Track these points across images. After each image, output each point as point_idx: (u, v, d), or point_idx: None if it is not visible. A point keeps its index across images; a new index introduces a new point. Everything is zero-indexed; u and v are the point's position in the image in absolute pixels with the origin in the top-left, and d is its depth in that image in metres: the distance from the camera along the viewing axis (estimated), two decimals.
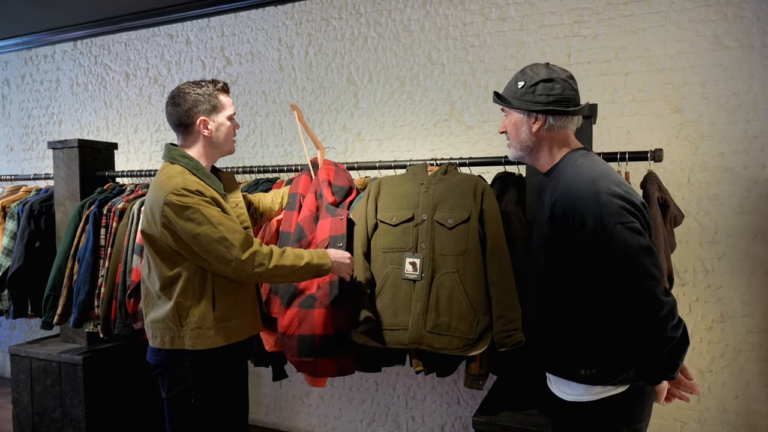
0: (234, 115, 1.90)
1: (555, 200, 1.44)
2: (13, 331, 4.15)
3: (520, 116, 1.53)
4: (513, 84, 1.56)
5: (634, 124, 2.55)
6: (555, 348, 1.51)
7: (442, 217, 2.10)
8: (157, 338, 1.76)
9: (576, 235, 1.37)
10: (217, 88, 1.83)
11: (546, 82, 1.48)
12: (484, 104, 2.79)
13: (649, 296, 1.31)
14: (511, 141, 1.60)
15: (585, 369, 1.43)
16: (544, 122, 1.50)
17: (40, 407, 2.92)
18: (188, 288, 1.72)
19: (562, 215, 1.40)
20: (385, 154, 2.99)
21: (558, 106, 1.48)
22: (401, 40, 2.95)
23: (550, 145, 1.54)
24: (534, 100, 1.49)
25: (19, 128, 4.08)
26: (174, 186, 1.67)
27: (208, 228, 1.65)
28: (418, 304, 2.04)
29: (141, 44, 3.62)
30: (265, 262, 1.71)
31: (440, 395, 2.91)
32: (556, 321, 1.50)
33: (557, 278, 1.46)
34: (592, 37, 2.61)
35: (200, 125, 1.81)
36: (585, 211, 1.36)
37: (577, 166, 1.46)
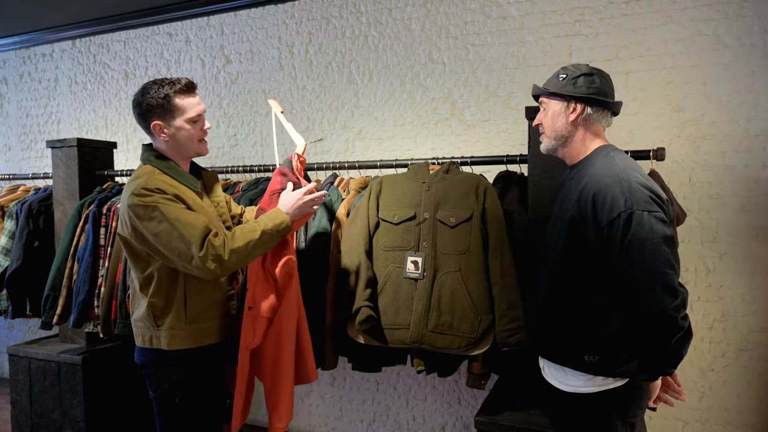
0: (198, 116, 1.77)
1: (584, 185, 1.49)
2: (11, 331, 4.13)
3: (559, 106, 1.60)
4: (554, 78, 1.63)
5: (636, 124, 2.55)
6: (559, 332, 1.55)
7: (444, 215, 2.09)
8: (139, 336, 1.77)
9: (602, 217, 1.42)
10: (175, 89, 1.73)
11: (587, 75, 1.58)
12: (485, 103, 2.78)
13: (667, 283, 1.36)
14: (545, 132, 1.65)
15: (589, 354, 1.47)
16: (582, 111, 1.57)
17: (39, 408, 2.90)
18: (161, 288, 1.72)
19: (591, 198, 1.45)
20: (385, 153, 2.98)
21: (597, 97, 1.56)
22: (402, 38, 2.94)
23: (584, 136, 1.61)
24: (574, 90, 1.57)
25: (17, 127, 4.06)
26: (135, 187, 1.66)
27: (167, 226, 1.62)
28: (419, 303, 2.04)
29: (140, 43, 3.61)
30: (220, 253, 1.64)
31: (441, 395, 2.91)
32: (565, 305, 1.53)
33: (575, 261, 1.51)
34: (594, 36, 2.60)
35: (155, 129, 1.75)
36: (614, 196, 1.42)
37: (609, 158, 1.53)
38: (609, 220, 1.41)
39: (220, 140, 3.40)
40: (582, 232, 1.48)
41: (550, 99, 1.63)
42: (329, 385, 3.15)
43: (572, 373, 1.51)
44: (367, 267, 2.10)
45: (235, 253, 1.67)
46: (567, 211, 1.54)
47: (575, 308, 1.51)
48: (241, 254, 1.68)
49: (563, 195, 1.64)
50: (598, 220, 1.43)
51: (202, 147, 1.85)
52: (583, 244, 1.48)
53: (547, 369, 1.62)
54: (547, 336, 1.59)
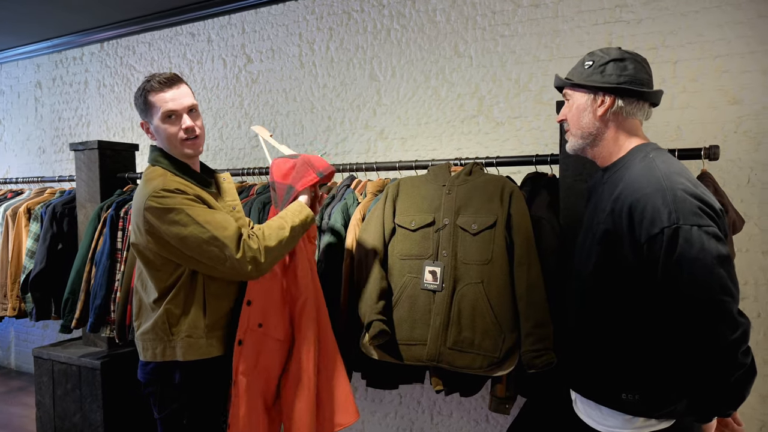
0: (172, 112, 1.61)
1: (619, 194, 1.27)
2: (46, 331, 4.21)
3: (584, 99, 1.38)
4: (579, 66, 1.41)
5: (685, 118, 2.29)
6: (592, 364, 1.33)
7: (465, 221, 1.92)
8: (148, 351, 1.64)
9: (641, 233, 1.20)
10: (148, 87, 1.62)
11: (617, 61, 1.34)
12: (515, 98, 2.58)
13: (723, 313, 1.13)
14: (571, 129, 1.43)
15: (627, 393, 1.26)
16: (612, 104, 1.34)
17: (61, 410, 2.90)
18: (179, 294, 1.60)
19: (627, 210, 1.23)
20: (408, 153, 2.82)
21: (630, 86, 1.33)
22: (426, 31, 2.77)
23: (616, 133, 1.37)
24: (602, 80, 1.34)
25: (50, 130, 4.13)
26: (153, 189, 1.54)
27: (196, 228, 1.51)
28: (437, 318, 1.87)
29: (164, 44, 3.58)
30: (257, 255, 1.55)
31: (467, 411, 2.73)
32: (599, 332, 1.32)
33: (609, 283, 1.29)
34: (636, 23, 2.36)
35: (144, 129, 1.69)
36: (656, 208, 1.18)
37: (649, 160, 1.29)
38: (649, 237, 1.18)
39: (240, 141, 3.33)
40: (617, 250, 1.26)
41: (574, 91, 1.40)
42: None
43: (608, 412, 1.30)
44: (381, 277, 1.95)
45: (269, 253, 1.59)
46: (599, 223, 1.32)
47: (611, 337, 1.30)
48: (275, 254, 1.61)
49: (595, 203, 1.42)
50: (636, 236, 1.21)
51: (186, 147, 1.65)
52: (619, 263, 1.26)
53: (580, 404, 1.41)
54: (578, 367, 1.38)
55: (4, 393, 3.83)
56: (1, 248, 3.19)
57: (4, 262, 3.16)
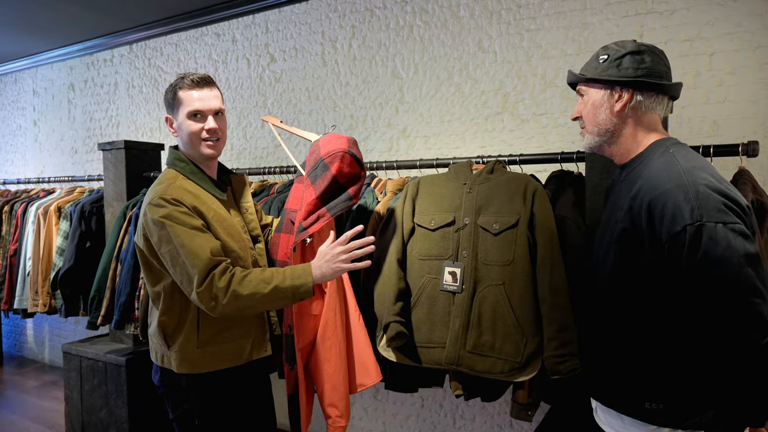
0: (198, 111, 1.61)
1: (638, 191, 1.21)
2: (77, 327, 4.31)
3: (600, 94, 1.33)
4: (593, 60, 1.36)
5: (722, 113, 2.17)
6: (612, 371, 1.27)
7: (486, 221, 1.86)
8: (153, 352, 1.65)
9: (662, 232, 1.14)
10: (180, 84, 1.64)
11: (634, 54, 1.29)
12: (542, 95, 2.50)
13: (752, 316, 1.06)
14: (587, 126, 1.38)
15: (650, 402, 1.19)
16: (630, 98, 1.29)
17: (88, 405, 2.96)
18: (172, 306, 1.58)
19: (646, 208, 1.17)
20: (431, 151, 2.77)
21: (648, 79, 1.28)
22: (449, 27, 2.71)
23: (635, 129, 1.32)
24: (619, 74, 1.29)
25: (82, 131, 4.23)
26: (155, 194, 1.55)
27: (172, 248, 1.49)
28: (457, 320, 1.82)
29: (190, 45, 3.62)
30: (219, 295, 1.46)
31: (491, 416, 2.66)
32: (619, 337, 1.26)
33: (628, 285, 1.23)
34: (670, 13, 2.25)
35: (167, 123, 1.70)
36: (677, 205, 1.12)
37: (669, 155, 1.24)
38: (671, 236, 1.12)
39: (264, 140, 3.33)
40: (636, 249, 1.20)
41: (589, 86, 1.35)
42: (372, 398, 2.99)
43: (630, 422, 1.24)
44: (399, 277, 1.90)
45: (237, 299, 1.46)
46: (617, 221, 1.26)
47: (632, 342, 1.23)
48: (242, 303, 1.48)
49: (613, 201, 1.36)
50: (657, 234, 1.15)
51: (206, 148, 1.64)
52: (639, 263, 1.20)
53: (601, 413, 1.34)
54: (598, 374, 1.32)
55: (37, 387, 3.95)
56: (33, 246, 3.28)
57: (35, 259, 3.24)
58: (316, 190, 1.75)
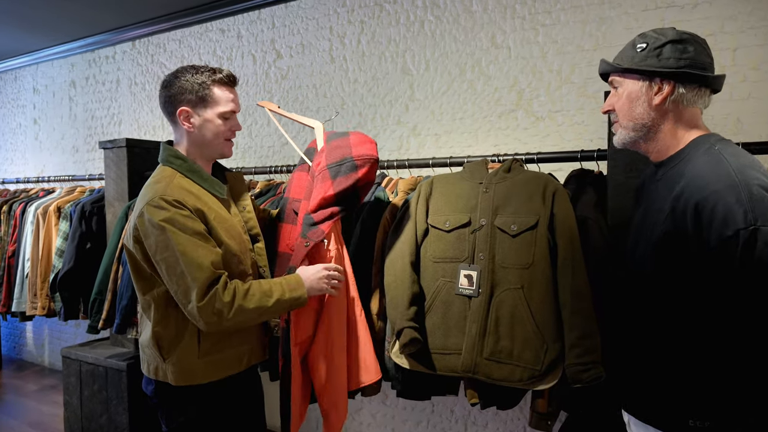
0: (232, 113, 1.57)
1: (682, 191, 1.13)
2: (78, 329, 4.24)
3: (637, 86, 1.23)
4: (629, 49, 1.26)
5: (746, 110, 2.09)
6: (652, 385, 1.19)
7: (504, 222, 1.78)
8: (144, 364, 1.55)
9: (711, 236, 1.07)
10: (214, 78, 1.54)
11: (676, 42, 1.20)
12: (557, 91, 2.42)
13: None
14: (620, 120, 1.29)
15: (696, 419, 1.12)
16: (671, 91, 1.20)
17: (88, 411, 2.88)
18: (167, 316, 1.47)
19: (693, 210, 1.10)
20: (443, 150, 2.69)
21: (692, 70, 1.19)
22: (461, 22, 2.63)
23: (675, 124, 1.23)
24: (659, 64, 1.20)
25: (83, 129, 4.16)
26: (153, 194, 1.43)
27: (169, 256, 1.38)
28: (473, 325, 1.74)
29: (194, 41, 3.55)
30: (223, 310, 1.39)
31: (504, 423, 2.57)
32: (661, 348, 1.18)
33: (672, 292, 1.15)
34: (692, 7, 2.17)
35: (180, 116, 1.54)
36: (728, 207, 1.04)
37: (715, 152, 1.15)
38: (722, 240, 1.05)
39: (270, 139, 3.25)
40: (681, 255, 1.12)
41: (624, 77, 1.25)
42: (381, 403, 2.90)
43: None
44: (413, 281, 1.83)
45: (241, 313, 1.42)
46: (656, 224, 1.18)
47: (676, 354, 1.15)
48: (247, 317, 1.45)
49: (648, 202, 1.28)
50: (705, 238, 1.08)
51: (227, 147, 1.62)
52: (683, 269, 1.12)
53: (635, 428, 1.26)
54: (634, 387, 1.24)
55: (36, 391, 3.87)
56: (32, 247, 3.20)
57: (34, 260, 3.17)
58: (335, 186, 1.71)
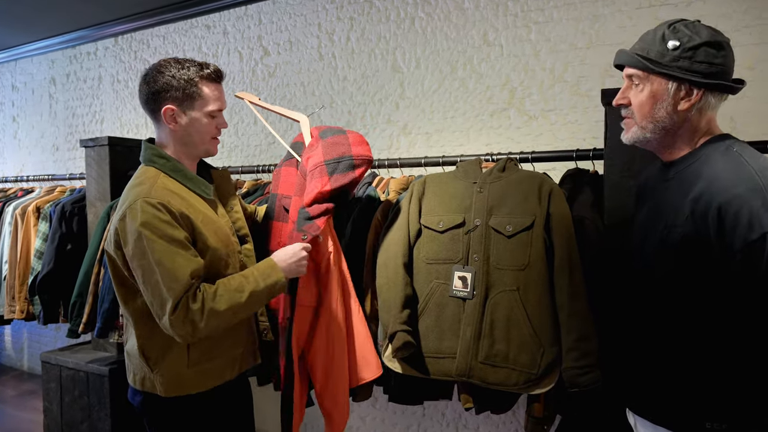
0: (219, 111, 1.50)
1: (701, 193, 1.11)
2: (58, 333, 4.12)
3: (665, 86, 1.18)
4: (658, 43, 1.19)
5: (740, 109, 2.07)
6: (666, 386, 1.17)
7: (499, 222, 1.74)
8: (131, 374, 1.48)
9: (735, 239, 1.06)
10: (202, 74, 1.45)
11: (710, 46, 1.15)
12: (550, 90, 2.38)
13: None
14: (636, 117, 1.24)
15: (713, 421, 1.11)
16: (700, 98, 1.16)
17: (69, 418, 2.79)
18: (154, 326, 1.39)
19: (716, 213, 1.08)
20: (433, 149, 2.64)
21: (721, 80, 1.16)
22: (453, 19, 2.59)
23: (695, 128, 1.20)
24: (691, 68, 1.15)
25: (64, 127, 4.05)
26: (135, 197, 1.35)
27: (146, 264, 1.31)
28: (468, 328, 1.70)
29: (179, 37, 3.46)
30: (195, 318, 1.32)
31: (495, 426, 2.54)
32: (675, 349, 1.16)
33: (691, 294, 1.14)
34: (685, 5, 2.15)
35: (165, 114, 1.45)
36: (754, 210, 1.04)
37: (734, 154, 1.13)
38: (746, 243, 1.04)
39: (257, 138, 3.19)
40: (701, 258, 1.11)
41: (650, 74, 1.19)
42: (371, 407, 2.85)
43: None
44: (406, 283, 1.78)
45: (214, 317, 1.34)
46: (674, 226, 1.16)
47: (692, 354, 1.14)
48: (222, 319, 1.37)
49: (658, 202, 1.25)
50: (729, 242, 1.06)
51: (214, 146, 1.55)
52: (703, 271, 1.11)
53: (643, 430, 1.24)
54: (645, 389, 1.22)
55: (15, 397, 3.75)
56: (9, 248, 3.09)
57: (12, 263, 3.06)
58: (332, 183, 1.67)
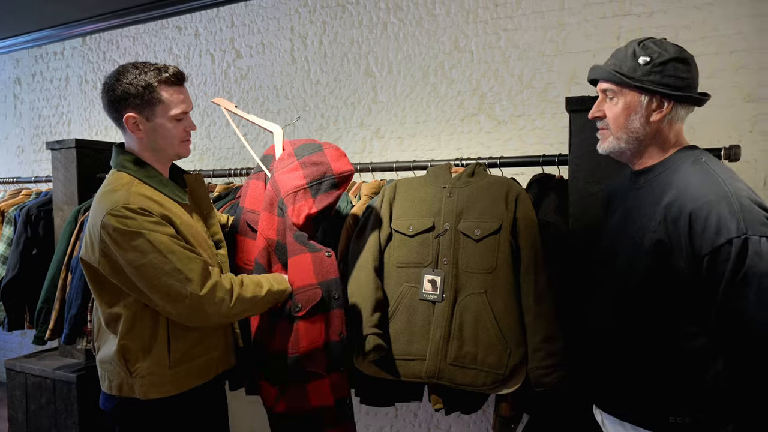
0: (184, 114, 1.48)
1: (673, 200, 1.18)
2: (24, 339, 4.02)
3: (638, 99, 1.25)
4: (630, 59, 1.27)
5: (698, 117, 2.15)
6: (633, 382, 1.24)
7: (467, 227, 1.77)
8: (105, 381, 1.47)
9: (703, 244, 1.12)
10: (160, 79, 1.43)
11: (678, 62, 1.24)
12: (519, 96, 2.44)
13: None
14: (611, 129, 1.30)
15: (677, 415, 1.17)
16: (670, 110, 1.25)
17: (35, 426, 2.72)
18: (135, 328, 1.40)
19: (687, 218, 1.15)
20: (406, 153, 2.67)
21: (689, 92, 1.25)
22: (424, 25, 2.62)
23: (665, 138, 1.28)
24: (662, 82, 1.23)
25: (29, 128, 3.95)
26: (113, 203, 1.34)
27: (156, 257, 1.32)
28: (437, 331, 1.73)
29: (149, 38, 3.42)
30: (225, 298, 1.39)
31: (467, 425, 2.58)
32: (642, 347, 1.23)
33: (659, 295, 1.20)
34: (647, 16, 2.23)
35: (128, 122, 1.43)
36: (722, 217, 1.11)
37: (702, 164, 1.22)
38: (713, 248, 1.10)
39: (229, 140, 3.17)
40: (671, 261, 1.17)
41: (623, 88, 1.26)
42: None
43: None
44: (376, 287, 1.80)
45: (240, 302, 1.44)
46: (646, 231, 1.22)
47: (658, 352, 1.20)
48: (245, 306, 1.47)
49: (629, 208, 1.32)
50: (696, 246, 1.13)
51: (184, 148, 1.54)
52: (673, 275, 1.18)
53: (611, 426, 1.29)
54: (612, 386, 1.28)
55: None
56: None
57: None
58: (317, 204, 1.69)
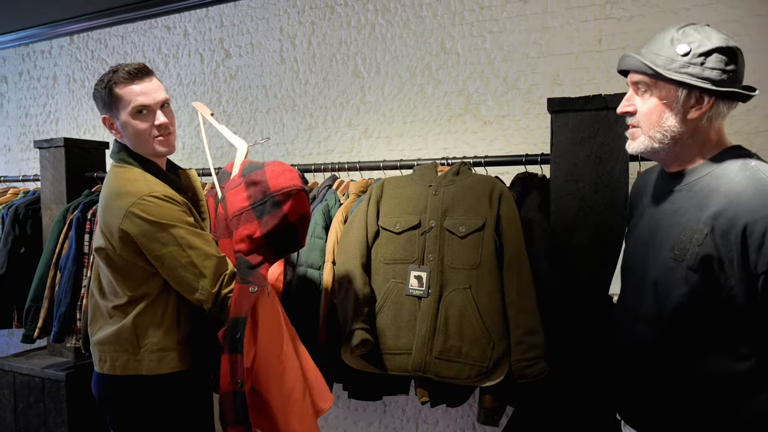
0: (144, 107, 1.46)
1: (723, 210, 1.06)
2: (11, 339, 3.99)
3: (674, 93, 1.11)
4: (666, 46, 1.12)
5: None
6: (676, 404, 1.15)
7: (452, 224, 1.82)
8: (105, 362, 1.50)
9: (760, 261, 1.03)
10: (112, 78, 1.46)
11: (722, 52, 1.09)
12: (504, 97, 2.49)
13: None
14: (644, 128, 1.17)
15: None
16: (710, 107, 1.10)
17: (23, 426, 2.73)
18: (150, 308, 1.47)
19: (740, 233, 1.04)
20: (394, 152, 2.72)
21: (733, 87, 1.09)
22: (412, 27, 2.67)
23: (705, 138, 1.14)
24: (703, 75, 1.08)
25: (17, 127, 3.93)
26: (138, 193, 1.41)
27: (175, 250, 1.40)
28: (423, 325, 1.77)
29: (138, 37, 3.43)
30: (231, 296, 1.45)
31: (454, 420, 2.63)
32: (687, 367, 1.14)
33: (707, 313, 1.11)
34: (627, 20, 2.29)
35: (106, 124, 1.54)
36: None
37: (754, 171, 1.08)
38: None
39: (218, 140, 3.19)
40: (720, 278, 1.07)
41: (658, 80, 1.12)
42: (333, 405, 2.89)
43: None
44: (364, 282, 1.84)
45: None
46: (689, 242, 1.10)
47: (704, 374, 1.12)
48: None
49: (663, 212, 1.20)
50: (752, 263, 1.04)
51: (161, 145, 1.52)
52: (723, 292, 1.08)
53: None
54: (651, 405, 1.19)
55: None
56: None
57: None
58: (262, 227, 1.47)
